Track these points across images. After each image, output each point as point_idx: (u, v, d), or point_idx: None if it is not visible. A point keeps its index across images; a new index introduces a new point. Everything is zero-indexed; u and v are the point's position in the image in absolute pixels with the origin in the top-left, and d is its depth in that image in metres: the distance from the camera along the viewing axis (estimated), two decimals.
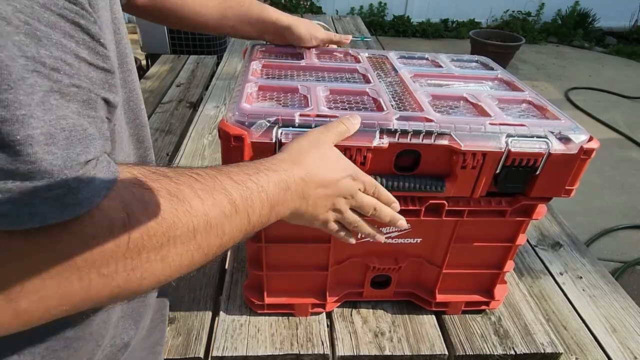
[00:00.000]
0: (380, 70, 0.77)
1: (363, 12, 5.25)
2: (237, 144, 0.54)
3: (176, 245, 0.34)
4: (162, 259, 0.34)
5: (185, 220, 0.35)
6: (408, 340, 0.74)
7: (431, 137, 0.57)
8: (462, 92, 0.69)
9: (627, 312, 0.87)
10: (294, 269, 0.72)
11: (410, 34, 5.24)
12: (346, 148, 0.55)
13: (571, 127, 0.60)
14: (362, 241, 0.70)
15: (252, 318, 0.75)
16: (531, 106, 0.68)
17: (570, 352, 0.78)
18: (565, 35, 5.31)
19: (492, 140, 0.57)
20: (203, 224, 0.36)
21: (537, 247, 1.03)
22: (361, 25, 2.73)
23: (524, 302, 0.82)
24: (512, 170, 0.59)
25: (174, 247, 0.34)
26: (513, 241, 0.71)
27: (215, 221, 0.37)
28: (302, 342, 0.72)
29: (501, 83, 0.77)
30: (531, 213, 0.67)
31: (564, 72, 4.35)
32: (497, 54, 3.96)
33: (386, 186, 0.59)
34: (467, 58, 0.88)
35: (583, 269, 0.98)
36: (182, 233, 0.34)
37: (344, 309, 0.79)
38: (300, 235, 0.67)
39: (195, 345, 0.72)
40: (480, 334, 0.75)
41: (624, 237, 2.22)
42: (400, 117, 0.58)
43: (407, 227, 0.65)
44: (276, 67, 0.73)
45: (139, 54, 3.21)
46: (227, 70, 1.96)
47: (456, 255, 0.71)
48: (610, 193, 2.56)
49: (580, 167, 0.60)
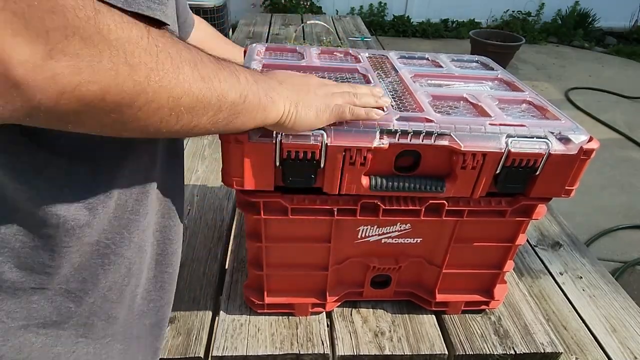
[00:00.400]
0: (380, 70, 0.77)
1: (363, 12, 5.25)
2: (237, 145, 0.54)
3: (184, 64, 0.37)
4: (174, 72, 0.36)
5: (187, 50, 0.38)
6: (408, 340, 0.74)
7: (431, 138, 0.57)
8: (462, 93, 0.69)
9: (627, 312, 0.87)
10: (294, 268, 0.72)
11: (410, 34, 5.24)
12: (346, 149, 0.56)
13: (571, 127, 0.60)
14: (362, 241, 0.70)
15: (252, 318, 0.75)
16: (531, 106, 0.68)
17: (570, 352, 0.78)
18: (565, 35, 5.31)
19: (492, 140, 0.57)
20: (198, 58, 0.40)
21: (537, 247, 1.03)
22: (361, 25, 2.73)
23: (524, 302, 0.82)
24: (512, 171, 0.59)
25: (182, 64, 0.37)
26: (513, 241, 0.71)
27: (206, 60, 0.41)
28: (302, 342, 0.72)
29: (501, 83, 0.77)
30: (531, 213, 0.67)
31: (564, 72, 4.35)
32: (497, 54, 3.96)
33: (386, 187, 0.60)
34: (467, 58, 0.88)
35: (583, 269, 0.98)
36: (187, 56, 0.38)
37: (344, 308, 0.79)
38: (300, 235, 0.67)
39: (195, 345, 0.72)
40: (480, 334, 0.75)
41: (624, 237, 2.22)
42: (400, 118, 0.58)
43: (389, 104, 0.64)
44: (276, 66, 0.73)
45: None
46: None
47: (456, 255, 0.71)
48: (610, 193, 2.56)
49: (580, 168, 0.60)
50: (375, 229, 0.68)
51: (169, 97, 0.36)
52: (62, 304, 0.48)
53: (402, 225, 0.68)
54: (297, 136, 0.54)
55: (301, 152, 0.55)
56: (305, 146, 0.55)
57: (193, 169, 1.20)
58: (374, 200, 0.63)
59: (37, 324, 0.47)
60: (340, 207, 0.63)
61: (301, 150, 0.55)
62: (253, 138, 0.54)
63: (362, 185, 0.59)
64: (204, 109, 0.40)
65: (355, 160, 0.56)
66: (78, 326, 0.50)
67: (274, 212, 0.63)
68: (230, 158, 0.56)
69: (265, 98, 0.48)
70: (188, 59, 0.38)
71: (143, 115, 0.35)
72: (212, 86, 0.40)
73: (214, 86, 0.41)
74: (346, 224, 0.67)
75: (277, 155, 0.55)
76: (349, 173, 0.58)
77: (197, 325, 0.76)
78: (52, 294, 0.47)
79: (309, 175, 0.58)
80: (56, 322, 0.48)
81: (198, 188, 1.12)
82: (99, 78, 0.30)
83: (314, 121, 0.53)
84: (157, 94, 0.35)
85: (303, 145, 0.55)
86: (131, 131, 0.37)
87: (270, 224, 0.66)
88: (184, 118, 0.39)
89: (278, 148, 0.55)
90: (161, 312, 0.61)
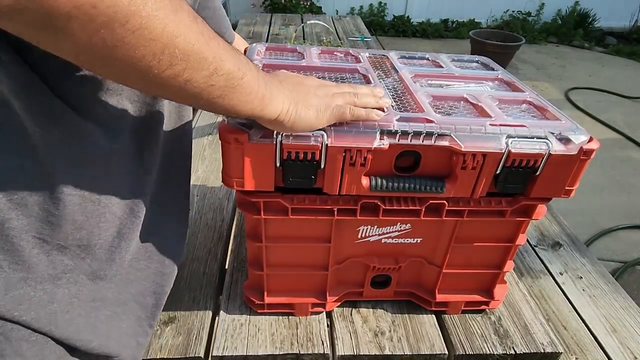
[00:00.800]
0: (380, 70, 0.77)
1: (363, 12, 5.25)
2: (238, 146, 0.54)
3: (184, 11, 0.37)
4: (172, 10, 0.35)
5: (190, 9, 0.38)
6: (408, 339, 0.74)
7: (431, 138, 0.57)
8: (462, 93, 0.69)
9: (627, 312, 0.87)
10: (294, 268, 0.72)
11: (410, 34, 5.24)
12: (346, 149, 0.56)
13: (571, 127, 0.60)
14: (362, 241, 0.70)
15: (252, 318, 0.75)
16: (531, 107, 0.69)
17: (570, 352, 0.79)
18: (565, 35, 5.30)
19: (492, 141, 0.58)
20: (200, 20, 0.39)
21: (537, 247, 1.03)
22: (361, 25, 2.73)
23: (524, 302, 0.82)
24: (512, 171, 0.59)
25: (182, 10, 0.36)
26: (513, 241, 0.71)
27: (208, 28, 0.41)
28: (302, 342, 0.72)
29: (501, 83, 0.77)
30: (531, 213, 0.67)
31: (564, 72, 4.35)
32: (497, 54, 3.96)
33: (386, 187, 0.60)
34: (468, 58, 0.88)
35: (583, 269, 0.98)
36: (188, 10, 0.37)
37: (344, 308, 0.79)
38: (300, 235, 0.68)
39: (195, 345, 0.72)
40: (480, 334, 0.75)
41: (624, 237, 2.22)
42: (400, 118, 0.58)
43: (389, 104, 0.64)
44: (276, 66, 0.73)
45: None
46: None
47: (456, 255, 0.71)
48: (610, 193, 2.56)
49: (580, 168, 0.60)
50: (376, 229, 0.68)
51: (163, 31, 0.35)
52: (57, 257, 0.50)
53: (402, 225, 0.68)
54: (297, 137, 0.54)
55: (301, 152, 0.55)
56: (305, 147, 0.55)
57: (193, 169, 1.19)
58: (374, 200, 0.63)
59: (34, 278, 0.48)
60: (341, 207, 0.63)
61: (301, 150, 0.55)
62: (253, 139, 0.54)
63: (362, 185, 0.59)
64: (199, 63, 0.39)
65: (356, 160, 0.57)
66: (70, 284, 0.52)
67: (274, 212, 0.63)
68: (230, 159, 0.56)
69: (264, 88, 0.48)
70: (188, 9, 0.38)
71: (134, 40, 0.34)
72: (210, 44, 0.40)
73: (211, 45, 0.40)
74: (346, 224, 0.67)
75: (278, 155, 0.55)
76: (349, 174, 0.58)
77: (197, 325, 0.76)
78: (50, 248, 0.48)
79: (309, 175, 0.58)
80: (51, 276, 0.50)
81: (198, 188, 1.12)
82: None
83: (314, 121, 0.53)
84: (151, 22, 0.34)
85: (303, 146, 0.55)
86: (120, 62, 0.36)
87: (270, 224, 0.66)
88: (177, 63, 0.38)
89: (278, 149, 0.55)
90: (148, 281, 0.62)
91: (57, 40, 0.33)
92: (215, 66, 0.41)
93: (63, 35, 0.32)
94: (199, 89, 0.41)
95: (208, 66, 0.40)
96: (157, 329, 0.74)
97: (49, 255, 0.49)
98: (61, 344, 0.53)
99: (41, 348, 0.50)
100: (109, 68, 0.37)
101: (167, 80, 0.39)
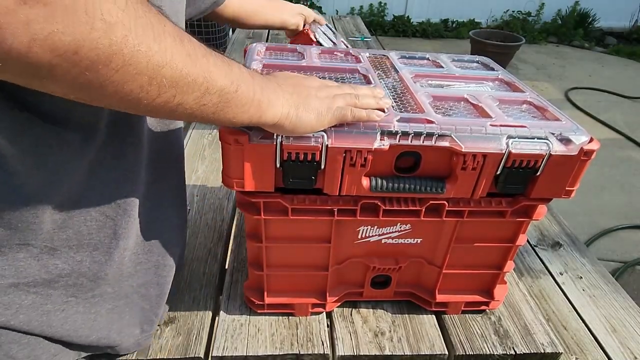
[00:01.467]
0: (380, 70, 0.77)
1: (363, 12, 5.25)
2: (238, 147, 0.54)
3: (166, 35, 0.36)
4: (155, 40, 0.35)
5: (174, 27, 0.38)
6: (408, 340, 0.74)
7: (432, 139, 0.57)
8: (462, 93, 0.69)
9: (627, 312, 0.87)
10: (294, 269, 0.72)
11: (410, 34, 5.24)
12: (346, 150, 0.56)
13: (572, 128, 0.60)
14: (362, 241, 0.70)
15: (252, 318, 0.75)
16: (532, 107, 0.69)
17: (570, 352, 0.79)
18: (565, 35, 5.30)
19: (492, 141, 0.58)
20: (186, 37, 0.39)
21: (537, 247, 1.03)
22: (361, 25, 2.73)
23: (524, 302, 0.82)
24: (512, 172, 0.59)
25: (164, 35, 0.36)
26: (513, 241, 0.71)
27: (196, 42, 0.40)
28: (302, 342, 0.72)
29: (502, 84, 0.77)
30: (531, 214, 0.67)
31: (564, 72, 4.35)
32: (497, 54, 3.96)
33: (387, 188, 0.60)
34: (468, 58, 0.88)
35: (583, 269, 0.98)
36: (172, 30, 0.37)
37: (344, 308, 0.79)
38: (300, 236, 0.67)
39: (195, 345, 0.72)
40: (480, 334, 0.75)
41: (624, 237, 2.22)
42: (401, 119, 0.58)
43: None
44: (277, 66, 0.73)
45: None
46: None
47: (456, 255, 0.71)
48: (610, 193, 2.56)
49: (581, 168, 0.60)
50: (376, 230, 0.68)
51: (147, 64, 0.35)
52: (49, 261, 0.50)
53: (402, 225, 0.68)
54: (297, 138, 0.54)
55: (301, 153, 0.55)
56: (305, 147, 0.55)
57: (193, 169, 1.20)
58: (374, 201, 0.63)
59: (27, 283, 0.49)
60: (341, 207, 0.63)
61: (301, 151, 0.55)
62: (253, 140, 0.54)
63: (362, 186, 0.59)
64: (189, 87, 0.39)
65: (356, 161, 0.56)
66: (68, 286, 0.52)
67: (274, 213, 0.63)
68: (230, 159, 0.56)
69: (260, 94, 0.48)
70: (172, 32, 0.37)
71: (120, 78, 0.34)
72: (198, 64, 0.39)
73: (200, 65, 0.40)
74: (346, 224, 0.67)
75: (278, 156, 0.55)
76: (350, 174, 0.58)
77: (197, 325, 0.76)
78: (38, 252, 0.48)
79: (310, 176, 0.58)
80: (46, 280, 0.50)
81: (198, 188, 1.12)
82: (73, 30, 0.30)
83: (315, 124, 0.53)
84: (134, 58, 0.34)
85: (303, 147, 0.55)
86: (110, 97, 0.36)
87: (270, 224, 0.66)
88: (166, 91, 0.38)
89: (278, 149, 0.55)
90: (149, 274, 0.63)
91: (44, 84, 0.33)
92: (207, 86, 0.41)
93: (49, 80, 0.32)
94: (191, 109, 0.41)
95: (199, 87, 0.40)
96: (157, 329, 0.74)
97: (39, 260, 0.49)
98: (57, 342, 0.53)
99: (33, 349, 0.51)
100: (100, 102, 0.38)
101: (158, 107, 0.39)
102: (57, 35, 0.29)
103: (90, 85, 0.34)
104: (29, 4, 0.28)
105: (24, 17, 0.28)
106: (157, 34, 0.35)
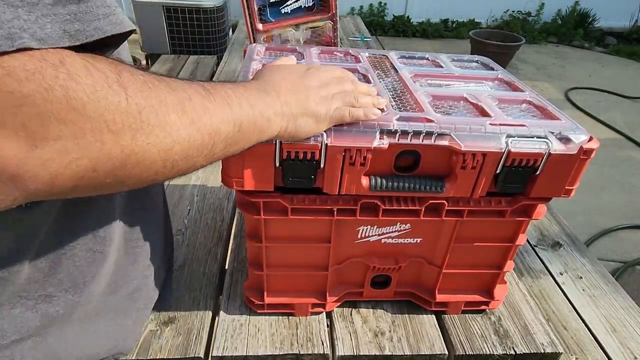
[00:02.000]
0: (380, 70, 0.77)
1: (363, 12, 5.25)
2: None
3: (169, 113, 0.36)
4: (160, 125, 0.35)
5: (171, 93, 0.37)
6: (408, 340, 0.74)
7: (431, 138, 0.57)
8: (462, 93, 0.69)
9: (627, 312, 0.87)
10: (294, 269, 0.72)
11: (410, 34, 5.23)
12: (346, 149, 0.55)
13: (571, 127, 0.60)
14: (362, 241, 0.70)
15: (252, 318, 0.75)
16: (531, 106, 0.68)
17: (570, 352, 0.78)
18: (565, 35, 5.30)
19: (492, 140, 0.57)
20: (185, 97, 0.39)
21: (537, 247, 1.03)
22: (361, 25, 2.73)
23: (524, 302, 0.82)
24: (512, 171, 0.59)
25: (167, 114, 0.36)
26: (513, 241, 0.71)
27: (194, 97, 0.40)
28: (302, 342, 0.72)
29: (501, 83, 0.77)
30: (531, 213, 0.67)
31: (564, 72, 4.34)
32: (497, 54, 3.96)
33: (386, 187, 0.59)
34: (468, 58, 0.88)
35: (583, 269, 0.98)
36: (171, 102, 0.37)
37: (344, 308, 0.79)
38: (300, 236, 0.67)
39: (195, 345, 0.72)
40: (480, 334, 0.75)
41: (624, 237, 2.22)
42: (400, 118, 0.58)
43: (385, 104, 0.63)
44: None
45: (139, 54, 3.21)
46: (227, 70, 1.96)
47: (456, 255, 0.71)
48: (610, 193, 2.56)
49: (580, 167, 0.60)
50: (375, 229, 0.68)
51: (159, 151, 0.36)
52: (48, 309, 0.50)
53: (402, 225, 0.68)
54: None
55: (301, 152, 0.55)
56: (305, 147, 0.55)
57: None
58: (374, 200, 0.63)
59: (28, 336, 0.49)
60: (340, 207, 0.63)
61: (301, 150, 0.55)
62: None
63: (362, 185, 0.59)
64: (198, 151, 0.40)
65: (355, 160, 0.56)
66: (66, 322, 0.52)
67: (274, 212, 0.63)
68: (229, 159, 0.56)
69: (261, 119, 0.47)
70: (173, 104, 0.37)
71: (137, 172, 0.35)
72: (202, 126, 0.39)
73: (204, 125, 0.40)
74: (346, 224, 0.67)
75: (277, 155, 0.55)
76: (349, 173, 0.58)
77: (197, 325, 0.76)
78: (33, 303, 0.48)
79: (309, 175, 0.58)
80: (47, 323, 0.50)
81: (198, 188, 1.12)
82: (87, 152, 0.31)
83: (314, 128, 0.53)
84: (146, 152, 0.35)
85: (303, 146, 0.55)
86: (130, 186, 0.38)
87: (270, 224, 0.66)
88: (178, 165, 0.39)
89: (278, 148, 0.55)
90: (137, 280, 0.64)
91: (67, 196, 0.34)
92: (214, 141, 0.41)
93: (73, 194, 0.34)
94: (203, 164, 0.43)
95: (206, 145, 0.41)
96: (157, 329, 0.74)
97: (37, 311, 0.49)
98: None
99: None
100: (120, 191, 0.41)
101: (172, 176, 0.40)
102: (74, 163, 0.30)
103: (111, 186, 0.35)
104: (39, 146, 0.28)
105: (39, 160, 0.28)
106: (161, 118, 0.35)
